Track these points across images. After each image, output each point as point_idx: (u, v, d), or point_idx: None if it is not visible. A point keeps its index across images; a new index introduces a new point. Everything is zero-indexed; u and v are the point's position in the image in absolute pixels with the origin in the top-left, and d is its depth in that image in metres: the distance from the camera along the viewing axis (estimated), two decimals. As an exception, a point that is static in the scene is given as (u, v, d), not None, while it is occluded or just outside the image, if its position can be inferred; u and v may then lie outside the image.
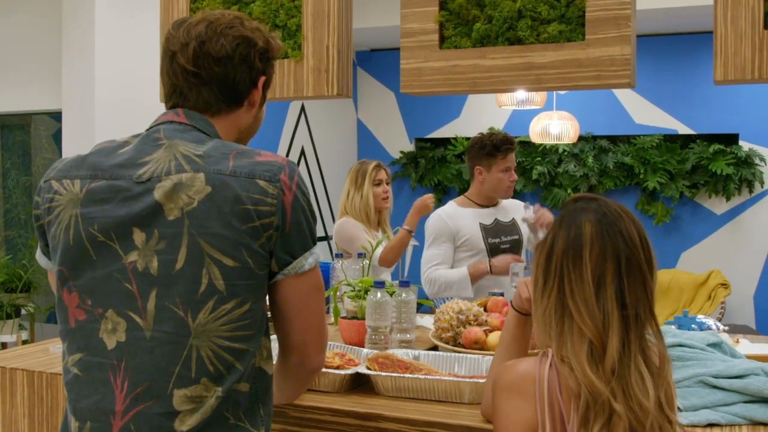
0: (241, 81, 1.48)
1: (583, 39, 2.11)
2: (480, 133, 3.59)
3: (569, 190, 6.62)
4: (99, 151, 1.44)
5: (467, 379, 1.86)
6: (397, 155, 7.35)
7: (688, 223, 6.50)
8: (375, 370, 1.94)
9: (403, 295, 2.29)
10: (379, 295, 2.25)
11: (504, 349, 1.69)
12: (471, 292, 3.27)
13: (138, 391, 1.32)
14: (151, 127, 1.47)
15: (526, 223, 3.10)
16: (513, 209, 3.62)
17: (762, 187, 6.29)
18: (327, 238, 6.74)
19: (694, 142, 6.47)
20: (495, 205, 3.55)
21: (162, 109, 1.53)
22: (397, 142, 7.39)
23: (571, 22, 2.12)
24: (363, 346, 2.26)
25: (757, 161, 6.24)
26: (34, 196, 1.48)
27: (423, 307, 3.94)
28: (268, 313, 1.46)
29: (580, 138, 6.43)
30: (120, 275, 1.34)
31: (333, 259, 3.08)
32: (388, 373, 1.91)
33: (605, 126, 6.66)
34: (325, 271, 2.79)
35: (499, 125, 6.96)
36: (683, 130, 6.45)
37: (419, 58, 2.29)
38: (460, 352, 2.15)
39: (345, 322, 2.40)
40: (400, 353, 2.07)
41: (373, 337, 2.25)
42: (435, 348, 2.30)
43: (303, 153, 6.58)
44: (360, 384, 1.99)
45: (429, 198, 3.64)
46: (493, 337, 2.18)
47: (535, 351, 2.04)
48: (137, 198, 1.35)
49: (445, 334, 2.28)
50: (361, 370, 1.95)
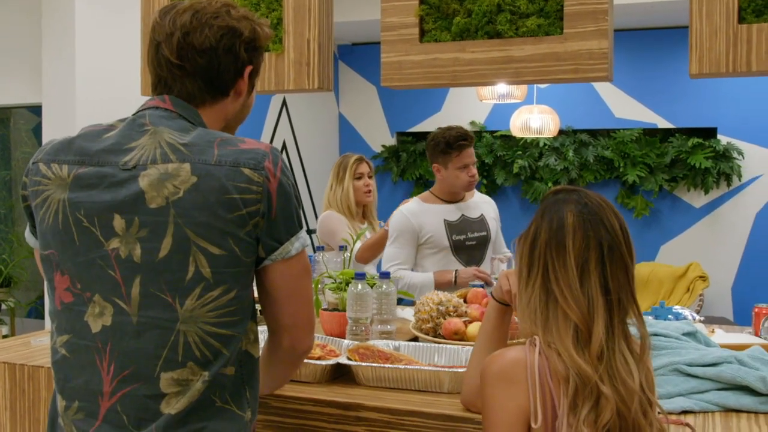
0: (226, 72, 1.48)
1: (562, 33, 2.13)
2: (438, 128, 3.46)
3: (550, 184, 6.66)
4: (85, 134, 1.45)
5: (447, 369, 1.88)
6: (378, 149, 7.36)
7: (668, 216, 6.56)
8: (356, 360, 1.96)
9: (384, 286, 2.31)
10: (359, 286, 2.26)
11: (485, 339, 1.71)
12: None
13: (125, 374, 1.34)
14: (137, 112, 1.47)
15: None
16: (482, 205, 3.55)
17: (740, 180, 6.36)
18: (309, 231, 6.74)
19: (673, 135, 6.53)
20: (461, 200, 3.47)
21: (143, 102, 1.53)
22: (379, 136, 7.40)
23: (550, 16, 2.14)
24: (344, 338, 2.28)
25: (735, 155, 6.30)
26: (22, 177, 1.49)
27: (404, 300, 3.96)
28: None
29: (561, 132, 6.47)
30: (103, 262, 1.36)
31: (315, 252, 3.09)
32: (368, 364, 1.92)
33: (585, 120, 6.70)
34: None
35: (480, 119, 6.98)
36: (663, 124, 6.50)
37: (400, 51, 2.31)
38: (440, 343, 2.17)
39: (326, 314, 2.42)
40: (381, 344, 2.09)
41: (353, 328, 2.26)
42: (415, 339, 2.32)
43: (285, 147, 6.58)
44: (341, 374, 2.00)
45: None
46: (473, 328, 2.21)
47: (514, 341, 2.07)
48: (122, 185, 1.36)
49: (426, 325, 2.30)
50: (342, 360, 1.97)
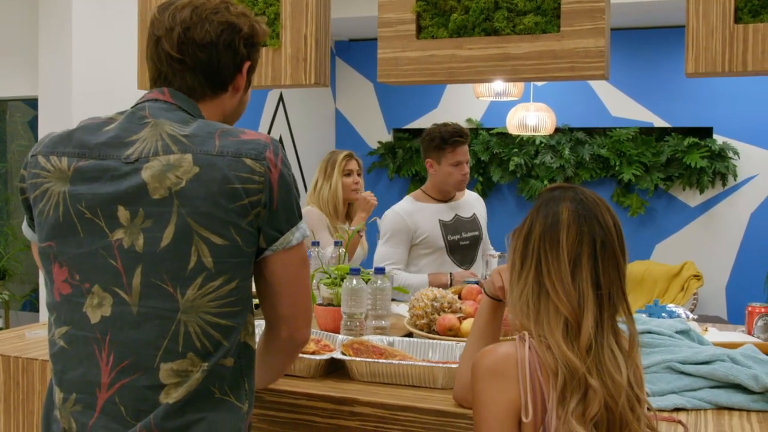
0: (226, 67, 1.50)
1: (558, 31, 2.13)
2: (434, 124, 3.45)
3: (546, 182, 6.67)
4: (85, 127, 1.45)
5: (441, 365, 1.88)
6: (374, 145, 7.36)
7: (663, 215, 6.57)
8: (350, 355, 1.96)
9: (379, 282, 2.31)
10: (354, 282, 2.27)
11: (477, 335, 1.72)
12: None
13: (124, 365, 1.35)
14: (136, 105, 1.48)
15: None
16: (474, 204, 3.54)
17: (735, 180, 6.37)
18: (304, 227, 6.74)
19: (669, 135, 6.54)
20: (453, 199, 3.46)
21: (140, 96, 1.53)
22: (375, 132, 7.39)
23: (547, 14, 2.15)
24: (338, 333, 2.28)
25: (730, 155, 6.32)
26: (21, 170, 1.49)
27: (401, 296, 3.96)
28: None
29: (557, 130, 6.48)
30: (105, 252, 1.36)
31: (311, 247, 3.09)
32: (362, 359, 1.93)
33: (582, 118, 6.71)
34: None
35: (476, 116, 6.99)
36: (659, 123, 6.51)
37: (396, 47, 2.31)
38: (434, 339, 2.18)
39: (321, 309, 2.42)
40: (375, 339, 2.09)
41: (348, 323, 2.26)
42: (410, 335, 2.33)
43: (281, 142, 6.57)
44: (335, 369, 2.01)
45: (370, 195, 3.62)
46: (467, 324, 2.21)
47: (508, 338, 2.08)
48: (125, 177, 1.37)
49: (420, 321, 2.31)
50: (336, 355, 1.97)
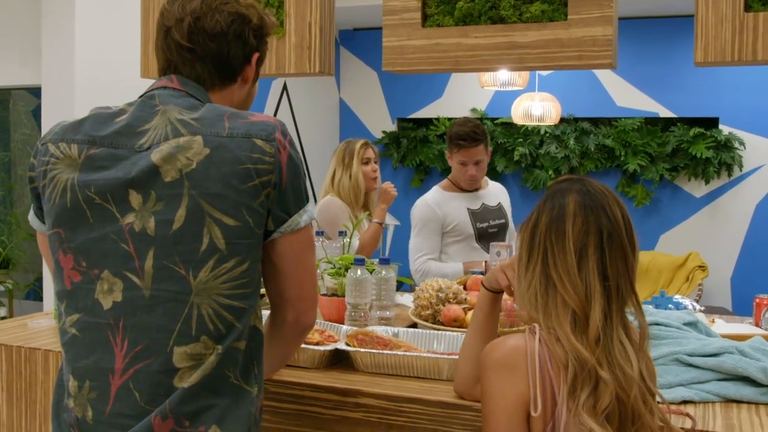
0: (235, 57, 1.51)
1: (566, 19, 2.11)
2: (462, 118, 3.53)
3: (550, 172, 6.65)
4: (96, 116, 1.45)
5: (446, 356, 1.87)
6: (379, 135, 7.34)
7: (668, 205, 6.55)
8: (354, 346, 1.95)
9: (383, 272, 2.30)
10: (359, 272, 2.26)
11: (477, 328, 1.70)
12: None
13: (137, 350, 1.34)
14: (145, 93, 1.48)
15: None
16: (498, 194, 3.63)
17: (741, 170, 6.34)
18: (308, 217, 6.73)
19: (674, 125, 6.50)
20: (478, 189, 3.54)
21: (143, 85, 1.53)
22: (380, 122, 7.37)
23: (554, 2, 2.12)
24: (342, 323, 2.27)
25: (736, 145, 6.28)
26: (30, 159, 1.49)
27: (404, 286, 3.95)
28: None
29: (562, 120, 6.45)
30: (116, 236, 1.36)
31: (315, 237, 3.07)
32: (367, 350, 1.92)
33: (587, 108, 6.68)
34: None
35: (481, 106, 6.96)
36: (664, 113, 6.48)
37: (401, 36, 2.29)
38: (439, 330, 2.17)
39: (325, 299, 2.41)
40: (380, 330, 2.08)
41: (352, 314, 2.25)
42: (414, 325, 2.32)
43: (285, 132, 6.56)
44: (339, 360, 2.00)
45: (389, 186, 3.64)
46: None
47: (514, 329, 2.06)
48: (135, 163, 1.37)
49: (425, 311, 2.30)
50: (341, 346, 1.96)
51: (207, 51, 1.48)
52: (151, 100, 1.44)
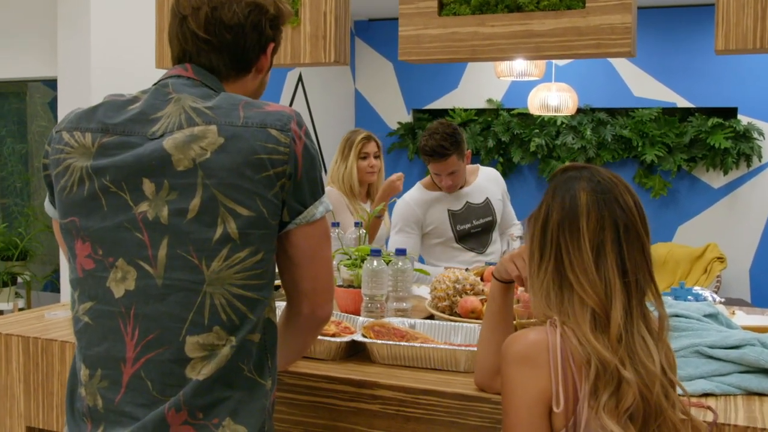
0: (252, 48, 1.50)
1: (584, 7, 2.08)
2: (433, 123, 3.36)
3: (567, 163, 6.60)
4: (109, 104, 1.44)
5: (463, 348, 1.86)
6: (394, 126, 7.32)
7: (686, 196, 6.50)
8: (371, 338, 1.94)
9: (400, 263, 2.29)
10: (375, 263, 2.24)
11: (492, 320, 1.68)
12: None
13: (149, 338, 1.34)
14: (159, 81, 1.47)
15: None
16: (487, 186, 3.50)
17: (760, 161, 6.28)
18: (324, 208, 6.73)
19: (692, 115, 6.45)
20: (463, 186, 3.43)
21: (158, 75, 1.52)
22: (395, 113, 7.36)
23: (572, -10, 2.09)
24: (359, 315, 2.26)
25: (755, 135, 6.22)
26: (45, 146, 1.49)
27: (423, 278, 3.92)
28: None
29: (579, 110, 6.41)
30: (130, 225, 1.36)
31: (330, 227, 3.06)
32: (384, 341, 1.91)
33: (604, 98, 6.63)
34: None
35: (497, 96, 6.92)
36: (682, 103, 6.42)
37: (418, 25, 2.27)
38: (456, 321, 2.15)
39: (341, 291, 2.40)
40: (396, 322, 2.07)
41: (369, 305, 2.24)
42: (431, 317, 2.31)
43: (300, 123, 6.56)
44: (356, 352, 1.99)
45: (398, 179, 3.50)
46: (490, 307, 2.18)
47: (533, 320, 2.05)
48: (147, 149, 1.36)
49: (442, 303, 2.28)
50: (357, 338, 1.95)
51: (223, 42, 1.47)
52: (165, 88, 1.43)
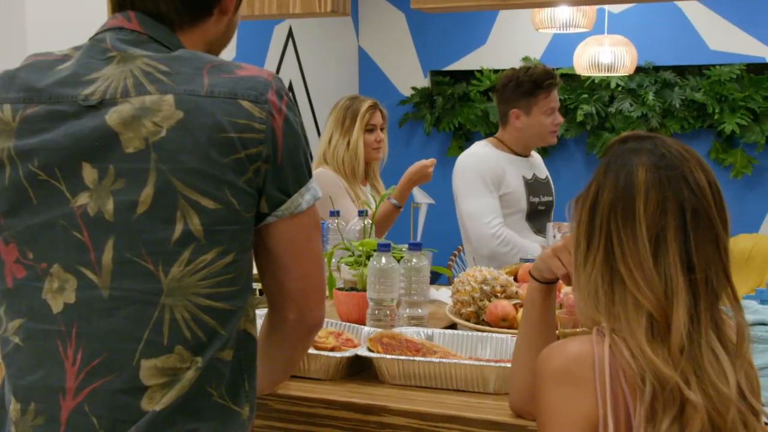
0: None
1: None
2: (512, 69, 3.61)
3: (626, 132, 6.59)
4: (31, 65, 1.43)
5: (493, 364, 1.87)
6: (407, 92, 7.32)
7: (776, 176, 6.49)
8: (378, 352, 1.96)
9: (414, 260, 2.30)
10: (383, 260, 2.26)
11: (531, 329, 1.69)
12: None
13: (94, 364, 1.33)
14: (95, 35, 1.45)
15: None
16: (543, 165, 3.76)
17: None
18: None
19: (784, 73, 6.43)
20: (528, 155, 3.65)
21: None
22: (409, 76, 7.35)
23: None
24: (364, 324, 2.28)
25: None
26: None
27: (441, 278, 3.95)
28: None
29: (638, 69, 6.38)
30: (66, 222, 1.34)
31: (328, 218, 3.09)
32: (394, 356, 1.92)
33: (670, 54, 6.61)
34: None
35: (535, 54, 6.91)
36: (771, 58, 6.40)
37: (434, -38, 2.27)
38: (483, 331, 2.17)
39: (342, 295, 2.42)
40: (410, 332, 2.09)
41: (376, 312, 2.26)
42: (453, 326, 2.32)
43: (291, 89, 6.57)
44: (360, 369, 2.01)
45: (430, 164, 3.57)
46: (526, 313, 2.20)
47: (578, 330, 2.05)
48: (85, 125, 1.34)
49: (466, 309, 2.30)
50: (362, 352, 1.97)
51: None
52: (101, 43, 1.41)
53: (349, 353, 1.96)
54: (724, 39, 6.49)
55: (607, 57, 5.60)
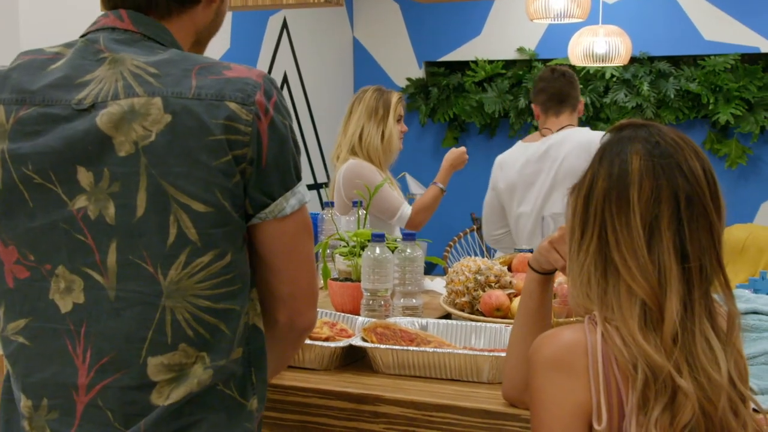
0: None
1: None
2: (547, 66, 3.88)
3: (624, 120, 6.58)
4: (24, 66, 1.42)
5: (486, 353, 1.88)
6: (402, 83, 7.31)
7: (771, 166, 6.50)
8: (372, 342, 1.96)
9: (408, 250, 2.31)
10: (378, 251, 2.26)
11: (526, 318, 1.70)
12: None
13: (104, 361, 1.34)
14: (87, 34, 1.45)
15: None
16: None
17: None
18: (317, 186, 6.74)
19: (778, 63, 6.44)
20: None
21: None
22: (403, 67, 7.34)
23: None
24: (358, 314, 2.28)
25: None
26: None
27: (437, 269, 3.95)
28: None
29: (633, 59, 6.39)
30: (68, 225, 1.35)
31: (323, 209, 3.09)
32: (388, 346, 1.93)
33: (665, 44, 6.60)
34: (313, 223, 2.81)
35: (530, 45, 6.91)
36: (767, 47, 6.39)
37: (427, -48, 2.27)
38: (477, 321, 2.17)
39: (336, 285, 2.42)
40: (404, 322, 2.09)
41: (370, 302, 2.26)
42: (447, 316, 2.32)
43: (286, 80, 6.56)
44: (354, 359, 2.02)
45: (465, 151, 3.83)
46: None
47: (572, 319, 2.06)
48: (77, 128, 1.34)
49: (460, 298, 2.30)
50: (356, 342, 1.97)
51: None
52: (95, 44, 1.41)
53: (343, 343, 1.97)
54: (718, 29, 6.49)
55: (602, 47, 5.59)
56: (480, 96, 6.99)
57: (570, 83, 3.87)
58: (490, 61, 7.02)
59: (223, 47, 5.56)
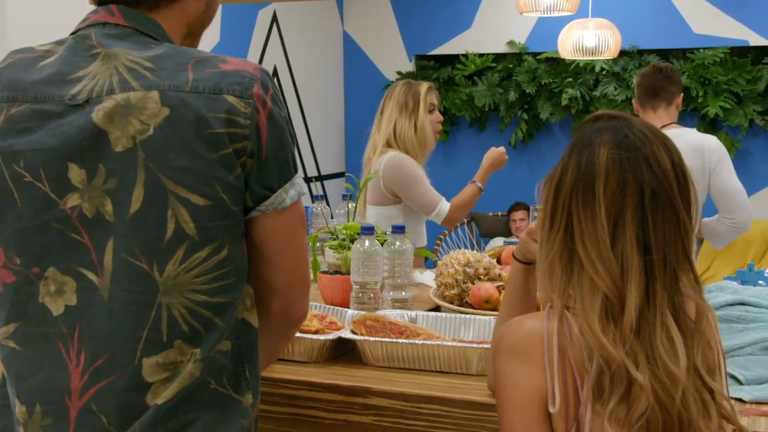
0: None
1: None
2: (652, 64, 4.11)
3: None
4: (14, 64, 1.41)
5: (476, 345, 1.89)
6: (392, 77, 7.30)
7: (760, 158, 6.51)
8: (362, 334, 1.97)
9: (397, 243, 2.31)
10: (367, 244, 2.26)
11: (511, 307, 1.70)
12: None
13: (98, 364, 1.33)
14: (77, 30, 1.44)
15: None
16: None
17: None
18: (307, 179, 6.74)
19: None
20: None
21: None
22: (393, 61, 7.34)
23: None
24: (347, 307, 2.29)
25: None
26: None
27: (428, 263, 3.96)
28: None
29: (622, 53, 6.39)
30: (62, 225, 1.34)
31: (312, 202, 3.09)
32: (378, 339, 1.93)
33: (654, 37, 6.61)
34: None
35: (520, 38, 6.91)
36: (756, 40, 6.40)
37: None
38: (466, 313, 2.18)
39: (326, 278, 2.42)
40: (394, 315, 2.10)
41: (360, 295, 2.27)
42: (437, 309, 2.33)
43: (276, 74, 6.55)
44: (343, 352, 2.02)
45: (504, 151, 3.86)
46: (509, 295, 2.21)
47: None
48: (71, 124, 1.33)
49: (449, 291, 2.31)
50: (345, 334, 1.98)
51: None
52: (87, 40, 1.40)
53: (332, 336, 1.97)
54: (707, 22, 6.50)
55: (592, 41, 5.59)
56: (470, 89, 6.99)
57: (666, 78, 4.02)
58: (480, 55, 7.03)
59: (213, 41, 5.55)
